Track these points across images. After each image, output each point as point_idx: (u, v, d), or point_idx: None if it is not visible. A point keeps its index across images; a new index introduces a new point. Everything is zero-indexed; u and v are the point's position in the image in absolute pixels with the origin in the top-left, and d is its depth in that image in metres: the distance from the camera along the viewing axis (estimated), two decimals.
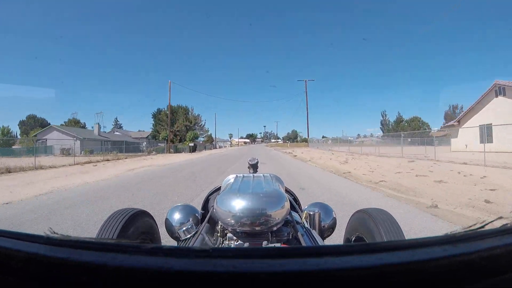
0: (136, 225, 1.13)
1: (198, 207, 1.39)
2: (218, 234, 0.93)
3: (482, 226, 0.39)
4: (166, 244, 1.73)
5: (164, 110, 44.95)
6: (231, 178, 1.12)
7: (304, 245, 0.88)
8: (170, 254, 0.32)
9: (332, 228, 1.31)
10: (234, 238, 0.85)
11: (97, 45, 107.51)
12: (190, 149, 33.75)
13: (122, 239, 1.00)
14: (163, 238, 1.46)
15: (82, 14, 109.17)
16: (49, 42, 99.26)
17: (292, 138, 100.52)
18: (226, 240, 0.88)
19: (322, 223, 1.25)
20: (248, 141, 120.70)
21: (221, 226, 0.91)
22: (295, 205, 1.40)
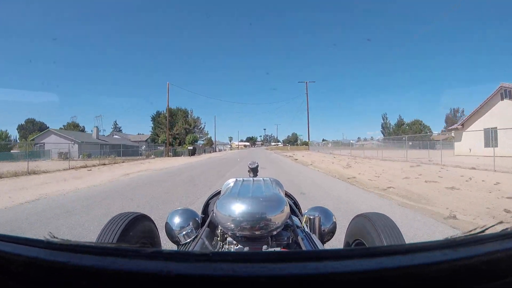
0: (136, 229, 1.13)
1: (198, 211, 1.39)
2: (218, 238, 0.93)
3: (483, 231, 0.39)
4: (166, 248, 1.73)
5: (163, 112, 44.99)
6: (231, 182, 1.13)
7: (303, 249, 0.88)
8: (170, 258, 0.32)
9: (332, 232, 1.31)
10: (234, 242, 0.85)
11: (96, 47, 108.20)
12: (189, 152, 33.63)
13: (122, 243, 1.00)
14: (163, 242, 1.46)
15: (81, 15, 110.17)
16: (47, 45, 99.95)
17: (292, 141, 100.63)
18: (226, 244, 0.88)
19: (322, 227, 1.25)
20: (248, 144, 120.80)
21: (221, 230, 0.92)
22: (295, 209, 1.40)
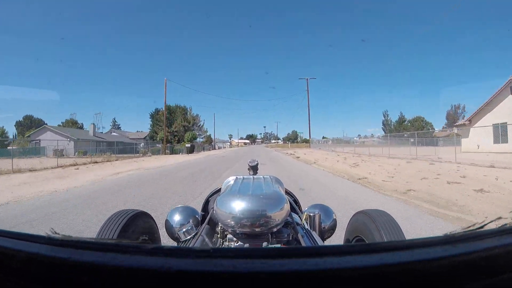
0: (136, 226, 1.14)
1: (198, 208, 1.41)
2: (218, 236, 0.94)
3: (481, 227, 0.40)
4: (166, 245, 1.74)
5: (162, 110, 44.81)
6: (231, 179, 1.14)
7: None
8: (170, 254, 0.33)
9: (332, 229, 1.33)
10: (234, 239, 0.86)
11: (96, 45, 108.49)
12: (187, 150, 33.51)
13: (122, 240, 1.01)
14: (163, 240, 1.47)
15: (81, 14, 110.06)
16: (47, 43, 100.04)
17: (292, 138, 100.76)
18: (226, 241, 0.89)
19: (322, 225, 1.26)
20: (248, 141, 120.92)
21: (221, 227, 0.93)
22: (295, 206, 1.42)
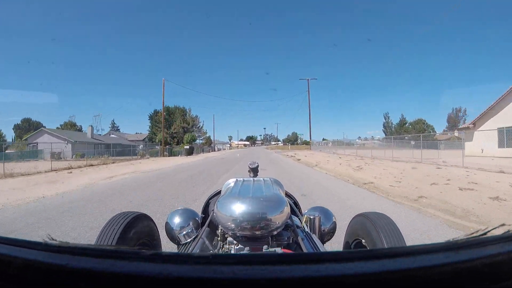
0: (136, 228, 1.14)
1: (199, 211, 1.40)
2: (219, 238, 0.94)
3: (485, 233, 0.39)
4: (167, 248, 1.74)
5: (161, 111, 44.94)
6: (231, 182, 1.14)
7: (304, 249, 0.90)
8: (169, 260, 0.32)
9: (332, 232, 1.33)
10: (235, 242, 0.86)
11: (96, 47, 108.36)
12: (186, 152, 33.35)
13: (121, 245, 1.01)
14: (164, 242, 1.46)
15: (81, 15, 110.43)
16: (46, 45, 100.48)
17: (292, 140, 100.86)
18: (226, 244, 0.89)
19: (322, 227, 1.27)
20: (248, 143, 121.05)
21: (221, 230, 0.93)
22: (295, 209, 1.42)
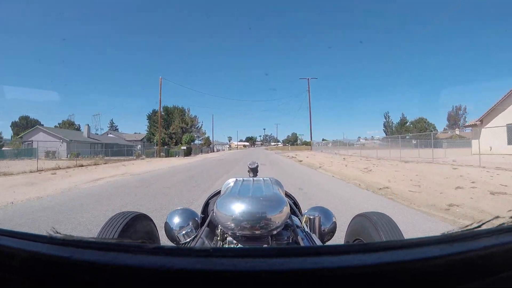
0: (135, 228, 1.16)
1: (198, 211, 1.42)
2: (218, 238, 0.95)
3: (479, 226, 0.41)
4: (167, 245, 1.76)
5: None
6: (231, 181, 1.15)
7: None
8: (171, 253, 0.34)
9: (332, 232, 1.34)
10: (234, 242, 0.87)
11: (97, 46, 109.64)
12: (184, 152, 32.92)
13: (123, 239, 1.03)
14: (163, 242, 1.47)
15: (81, 14, 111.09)
16: (48, 44, 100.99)
17: (292, 141, 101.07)
18: (225, 244, 0.90)
19: (322, 227, 1.28)
20: (247, 144, 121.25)
21: (221, 229, 0.94)
22: (295, 209, 1.43)
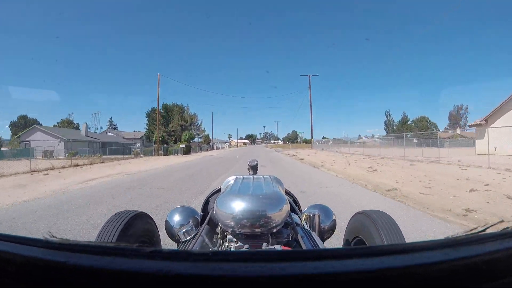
0: (136, 227, 1.16)
1: (198, 209, 1.42)
2: (218, 236, 0.95)
3: (483, 230, 0.40)
4: (166, 246, 1.75)
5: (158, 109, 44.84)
6: (231, 179, 1.15)
7: (303, 246, 0.91)
8: (169, 257, 0.33)
9: (332, 230, 1.35)
10: (234, 239, 0.87)
11: (96, 46, 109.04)
12: (183, 150, 32.65)
13: (121, 242, 1.02)
14: (163, 240, 1.48)
15: (80, 13, 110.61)
16: (46, 43, 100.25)
17: (292, 139, 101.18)
18: (226, 241, 0.90)
19: (322, 225, 1.29)
20: (247, 142, 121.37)
21: (221, 227, 0.94)
22: (295, 207, 1.43)
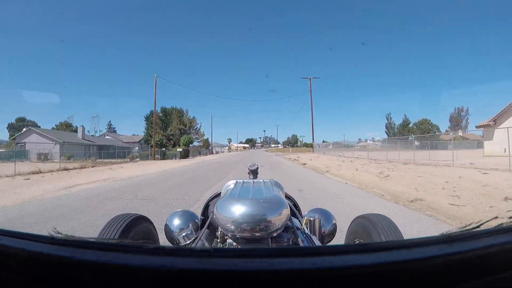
0: (135, 230, 1.18)
1: (198, 213, 1.43)
2: (218, 240, 0.96)
3: (478, 226, 0.42)
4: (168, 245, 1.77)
5: (157, 112, 44.81)
6: (231, 183, 1.16)
7: None
8: (171, 253, 0.34)
9: (332, 234, 1.36)
10: (234, 244, 0.88)
11: (96, 48, 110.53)
12: (181, 154, 31.84)
13: (124, 239, 1.04)
14: (162, 244, 1.49)
15: (81, 15, 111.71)
16: (48, 45, 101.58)
17: (292, 143, 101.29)
18: (225, 245, 0.91)
19: (323, 229, 1.30)
20: (247, 146, 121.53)
21: (221, 231, 0.94)
22: (295, 211, 1.44)
